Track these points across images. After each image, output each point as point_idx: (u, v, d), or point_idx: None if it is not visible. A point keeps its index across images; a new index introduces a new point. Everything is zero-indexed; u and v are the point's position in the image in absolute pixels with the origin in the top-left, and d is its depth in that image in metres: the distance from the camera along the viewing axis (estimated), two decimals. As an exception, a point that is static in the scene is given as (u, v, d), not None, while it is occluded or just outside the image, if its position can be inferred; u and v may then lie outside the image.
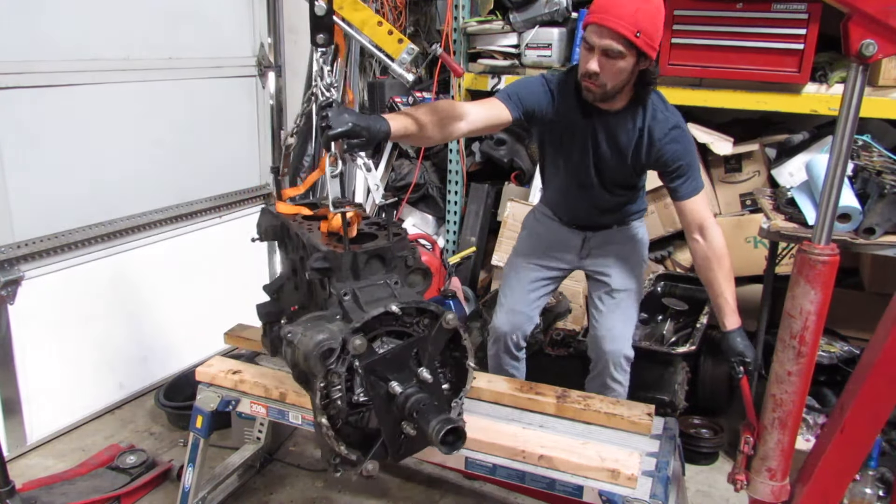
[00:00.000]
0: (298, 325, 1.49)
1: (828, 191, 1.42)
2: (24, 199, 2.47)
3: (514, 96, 1.94)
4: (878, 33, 1.29)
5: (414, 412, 1.41)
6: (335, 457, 1.49)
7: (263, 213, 1.99)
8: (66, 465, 2.51)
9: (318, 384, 1.42)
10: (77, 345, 2.74)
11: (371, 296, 1.56)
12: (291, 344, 1.46)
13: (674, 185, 1.96)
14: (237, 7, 3.30)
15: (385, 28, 1.77)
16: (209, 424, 2.02)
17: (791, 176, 2.95)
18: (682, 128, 1.96)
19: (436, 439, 1.35)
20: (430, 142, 1.86)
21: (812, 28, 2.59)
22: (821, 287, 1.44)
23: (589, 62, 1.83)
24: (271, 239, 1.95)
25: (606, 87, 1.85)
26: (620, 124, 1.96)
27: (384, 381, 1.44)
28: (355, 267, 1.59)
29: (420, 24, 3.96)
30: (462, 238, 3.66)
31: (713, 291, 1.96)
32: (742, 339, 1.89)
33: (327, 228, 1.72)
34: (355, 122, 1.54)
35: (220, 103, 3.28)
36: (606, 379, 2.16)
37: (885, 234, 2.18)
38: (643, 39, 1.77)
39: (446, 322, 1.51)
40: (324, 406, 1.43)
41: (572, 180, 2.11)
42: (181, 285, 3.11)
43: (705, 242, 1.95)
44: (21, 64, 2.42)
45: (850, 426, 1.50)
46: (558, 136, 2.06)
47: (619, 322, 2.16)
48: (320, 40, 1.65)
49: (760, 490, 1.61)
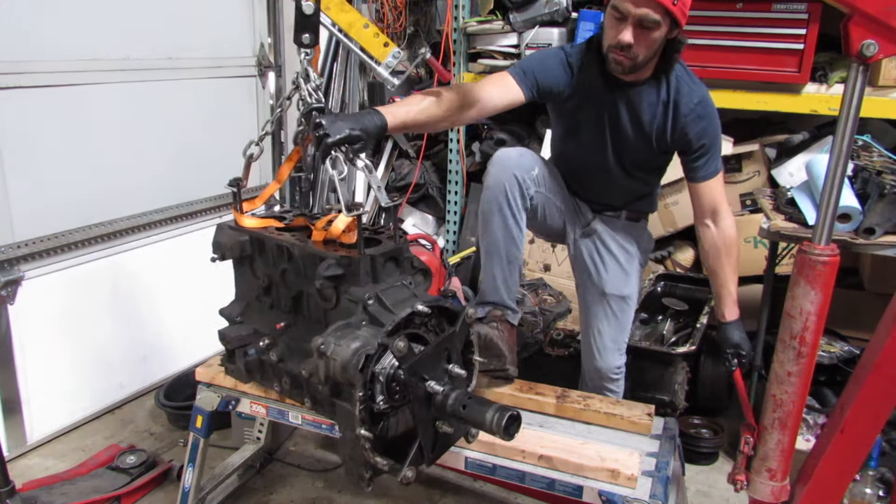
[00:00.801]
0: (329, 336, 1.43)
1: (828, 191, 1.42)
2: (24, 199, 2.47)
3: (529, 73, 1.83)
4: (878, 33, 1.28)
5: (461, 406, 1.38)
6: (368, 469, 1.44)
7: (222, 230, 1.86)
8: (66, 465, 2.51)
9: (357, 394, 1.36)
10: (77, 345, 2.73)
11: (395, 298, 1.52)
12: (324, 356, 1.39)
13: (693, 165, 1.86)
14: (237, 7, 3.30)
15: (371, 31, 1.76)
16: (209, 424, 2.02)
17: (791, 176, 2.95)
18: (707, 102, 1.84)
19: (498, 429, 1.33)
20: (435, 129, 1.79)
21: (812, 28, 2.59)
22: (821, 287, 1.44)
23: (622, 33, 1.69)
24: (235, 256, 1.84)
25: (638, 58, 1.73)
26: (644, 98, 1.85)
27: (422, 381, 1.41)
28: (373, 270, 1.56)
29: (420, 24, 3.96)
30: (462, 238, 3.66)
31: (717, 281, 1.92)
32: (739, 332, 1.88)
33: (323, 237, 1.65)
34: (351, 126, 1.50)
35: (220, 103, 3.27)
36: (601, 391, 2.10)
37: (885, 234, 2.18)
38: (679, 6, 1.66)
39: (468, 317, 1.51)
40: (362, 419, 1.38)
41: (587, 160, 2.00)
42: (181, 285, 3.11)
43: (716, 229, 1.90)
44: (21, 64, 2.42)
45: (851, 426, 1.49)
46: (574, 113, 1.95)
47: (611, 332, 2.06)
48: (305, 40, 1.59)
49: (760, 490, 1.61)
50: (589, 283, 2.12)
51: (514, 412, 1.35)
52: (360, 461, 1.43)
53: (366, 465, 1.43)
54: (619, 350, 2.09)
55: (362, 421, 1.37)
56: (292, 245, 1.68)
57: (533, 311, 2.78)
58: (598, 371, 2.09)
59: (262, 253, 1.80)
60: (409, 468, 1.43)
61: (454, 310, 1.52)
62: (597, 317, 2.08)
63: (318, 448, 2.65)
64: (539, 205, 1.98)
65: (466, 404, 1.38)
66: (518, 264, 1.99)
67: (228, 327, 1.91)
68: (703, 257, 1.98)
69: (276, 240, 1.73)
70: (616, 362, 2.08)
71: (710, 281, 1.97)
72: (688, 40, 1.81)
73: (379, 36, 1.76)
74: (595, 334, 2.09)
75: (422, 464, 1.46)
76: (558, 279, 3.17)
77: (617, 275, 2.07)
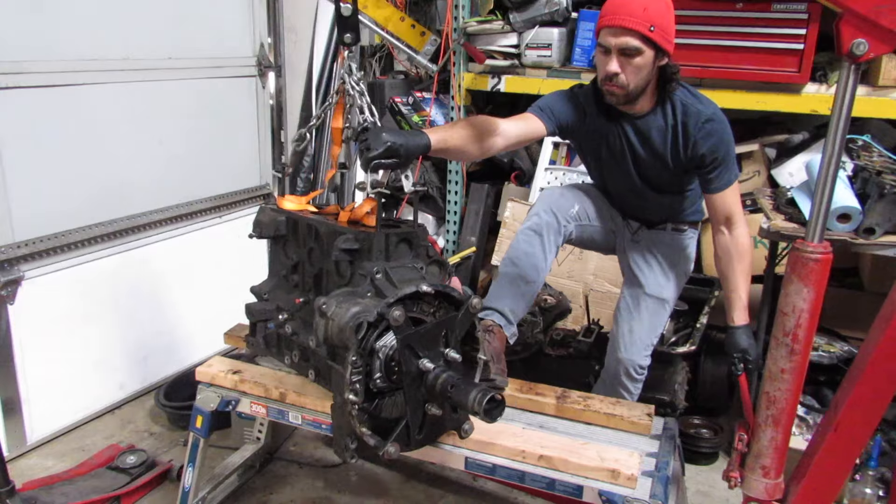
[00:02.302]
0: (332, 298, 1.49)
1: (821, 189, 1.43)
2: (24, 199, 2.48)
3: (548, 109, 1.95)
4: (868, 32, 1.29)
5: (449, 386, 1.41)
6: (353, 440, 1.47)
7: (263, 210, 2.00)
8: (66, 465, 2.51)
9: (351, 358, 1.40)
10: (77, 345, 2.74)
11: (402, 276, 1.59)
12: (325, 315, 1.45)
13: (708, 177, 1.94)
14: (237, 7, 3.30)
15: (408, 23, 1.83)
16: (209, 424, 2.02)
17: (791, 176, 2.95)
18: (717, 119, 1.91)
19: (479, 408, 1.35)
20: (468, 157, 1.90)
21: (812, 28, 2.59)
22: (814, 285, 1.45)
23: (608, 64, 1.83)
24: (271, 235, 1.96)
25: (629, 87, 1.85)
26: (652, 126, 1.94)
27: (416, 357, 1.45)
28: (387, 248, 1.62)
29: (420, 23, 3.96)
30: (462, 238, 3.66)
31: (727, 286, 1.96)
32: (748, 337, 1.90)
33: (348, 217, 1.75)
34: (393, 140, 1.56)
35: (221, 103, 3.28)
36: (616, 386, 2.13)
37: (885, 234, 2.18)
38: (658, 33, 1.78)
39: (472, 306, 1.52)
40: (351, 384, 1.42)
41: (618, 185, 2.11)
42: (181, 285, 3.11)
43: (730, 236, 1.95)
44: (21, 64, 2.42)
45: (844, 425, 1.50)
46: (595, 147, 2.06)
47: (642, 329, 2.10)
48: (347, 39, 1.75)
49: (754, 487, 1.61)
50: (632, 283, 2.18)
51: (497, 395, 1.38)
52: (346, 430, 1.46)
53: (351, 435, 1.47)
54: (646, 349, 2.12)
55: (352, 385, 1.41)
56: (319, 223, 1.79)
57: (533, 311, 2.77)
58: (621, 363, 2.11)
59: (295, 233, 1.92)
60: (392, 444, 1.46)
61: (459, 298, 1.54)
62: (630, 314, 2.14)
63: (318, 448, 2.65)
64: (583, 234, 2.15)
65: (454, 384, 1.41)
66: (533, 290, 2.07)
67: (254, 303, 2.02)
68: (715, 261, 2.02)
69: (307, 219, 1.86)
70: (640, 360, 2.11)
71: (722, 285, 2.01)
72: (679, 68, 1.89)
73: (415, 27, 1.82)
74: (626, 330, 2.13)
75: (408, 444, 1.50)
76: (558, 279, 3.17)
77: (658, 277, 2.14)
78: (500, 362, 1.92)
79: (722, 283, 2.00)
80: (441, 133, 1.73)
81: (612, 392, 2.13)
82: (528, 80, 3.19)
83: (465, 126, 1.80)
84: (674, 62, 1.88)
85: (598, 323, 2.84)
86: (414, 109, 3.52)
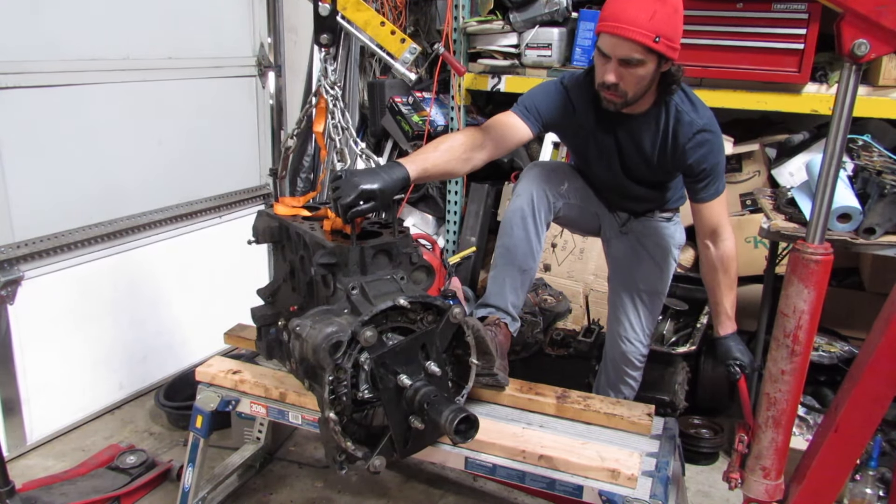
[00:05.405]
0: (306, 318, 1.48)
1: (821, 190, 1.43)
2: (24, 199, 2.47)
3: (533, 109, 1.88)
4: (869, 33, 1.29)
5: (425, 403, 1.40)
6: (341, 453, 1.48)
7: (260, 216, 1.97)
8: (66, 465, 2.51)
9: (327, 377, 1.40)
10: (77, 345, 2.74)
11: (379, 290, 1.56)
12: (300, 337, 1.45)
13: (695, 187, 1.89)
14: (237, 7, 3.30)
15: (388, 28, 1.78)
16: (209, 424, 2.02)
17: (791, 176, 2.95)
18: (709, 130, 1.83)
19: (449, 428, 1.35)
20: (451, 177, 1.87)
21: (812, 28, 2.59)
22: (814, 286, 1.44)
23: (606, 73, 1.71)
24: (268, 241, 1.94)
25: (627, 95, 1.75)
26: (644, 127, 1.87)
27: (393, 374, 1.44)
28: (363, 261, 1.60)
29: (420, 23, 3.96)
30: (462, 238, 3.66)
31: (712, 298, 1.96)
32: (737, 344, 1.90)
33: (331, 227, 1.72)
34: (366, 185, 1.54)
35: (220, 103, 3.27)
36: (621, 375, 2.17)
37: (885, 234, 2.18)
38: (663, 43, 1.64)
39: (453, 316, 1.52)
40: (331, 401, 1.42)
41: (602, 177, 2.06)
42: (181, 285, 3.11)
43: (716, 251, 1.91)
44: (21, 64, 2.42)
45: (845, 425, 1.50)
46: (581, 141, 2.00)
47: (641, 321, 2.15)
48: (324, 40, 1.70)
49: (755, 488, 1.61)
50: (624, 277, 2.18)
51: (470, 415, 1.37)
52: (333, 445, 1.47)
53: (338, 449, 1.48)
54: (645, 337, 2.17)
55: (331, 404, 1.42)
56: (304, 233, 1.76)
57: (533, 311, 2.78)
58: (623, 355, 2.15)
59: (289, 239, 1.89)
60: (377, 457, 1.47)
61: (442, 307, 1.53)
62: (627, 308, 2.17)
63: (318, 448, 2.65)
64: (569, 213, 2.07)
65: (431, 402, 1.41)
66: (530, 276, 2.04)
67: (258, 307, 2.00)
68: (702, 274, 2.01)
69: (295, 227, 1.82)
70: (641, 349, 2.16)
71: (708, 296, 2.01)
72: (683, 71, 1.80)
73: (395, 33, 1.79)
74: (625, 324, 2.17)
75: (392, 456, 1.50)
76: (558, 279, 3.17)
77: (652, 272, 2.14)
78: (504, 358, 1.92)
79: (708, 295, 1.99)
80: (420, 161, 1.68)
81: (615, 383, 2.15)
82: (528, 80, 3.19)
83: (446, 147, 1.75)
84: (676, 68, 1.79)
85: (598, 323, 2.85)
86: (414, 109, 3.52)
